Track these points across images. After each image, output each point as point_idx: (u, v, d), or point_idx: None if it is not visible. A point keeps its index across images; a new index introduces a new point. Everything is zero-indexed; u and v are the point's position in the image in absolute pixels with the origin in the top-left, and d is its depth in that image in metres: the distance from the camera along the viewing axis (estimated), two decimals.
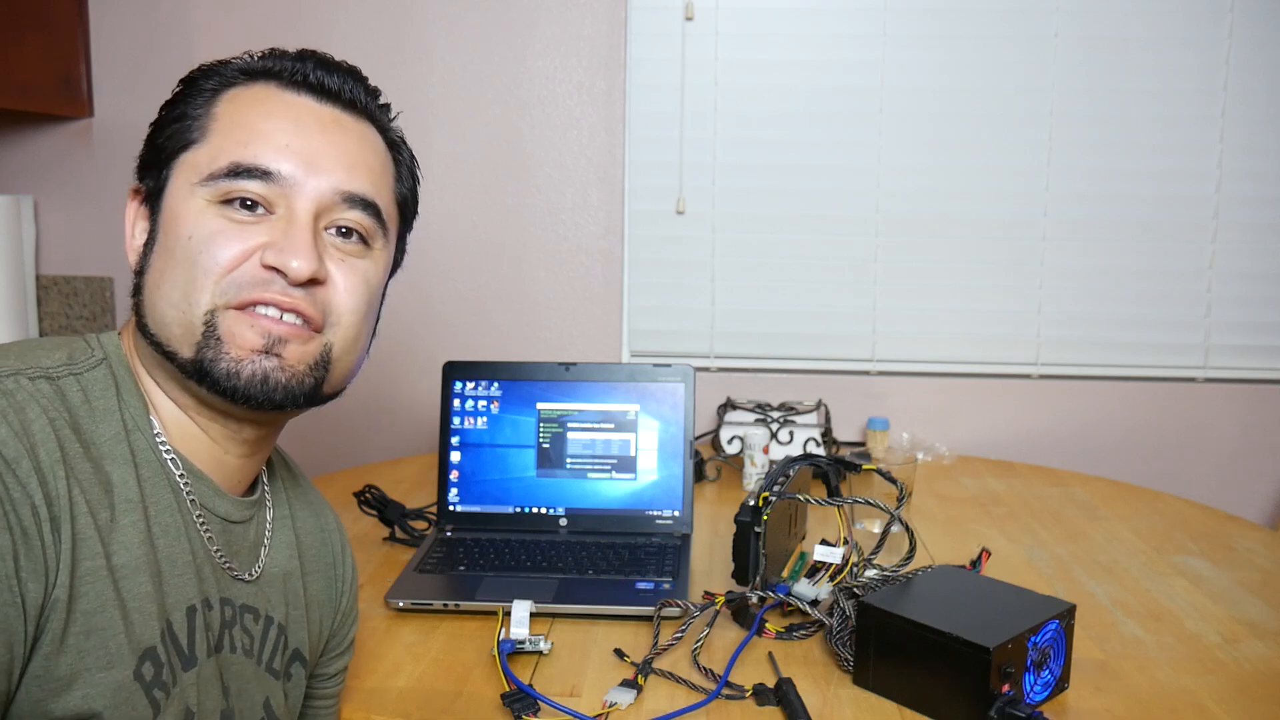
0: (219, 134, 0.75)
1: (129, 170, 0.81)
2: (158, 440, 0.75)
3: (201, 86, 0.78)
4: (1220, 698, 1.03)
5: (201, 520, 0.77)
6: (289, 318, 0.74)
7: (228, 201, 0.73)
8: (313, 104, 0.78)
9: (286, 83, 0.78)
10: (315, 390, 0.77)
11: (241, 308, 0.73)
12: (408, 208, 0.87)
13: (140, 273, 0.76)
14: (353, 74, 0.81)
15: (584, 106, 2.12)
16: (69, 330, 2.18)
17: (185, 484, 0.76)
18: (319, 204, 0.75)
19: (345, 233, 0.78)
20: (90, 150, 2.14)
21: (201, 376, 0.73)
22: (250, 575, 0.83)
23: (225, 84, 0.78)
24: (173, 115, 0.77)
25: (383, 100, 0.83)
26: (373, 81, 0.83)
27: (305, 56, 0.79)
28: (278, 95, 0.77)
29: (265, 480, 0.88)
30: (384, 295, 0.85)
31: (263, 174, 0.73)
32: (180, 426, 0.77)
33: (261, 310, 0.73)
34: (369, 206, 0.78)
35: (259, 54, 0.80)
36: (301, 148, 0.75)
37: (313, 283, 0.75)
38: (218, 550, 0.79)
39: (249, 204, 0.74)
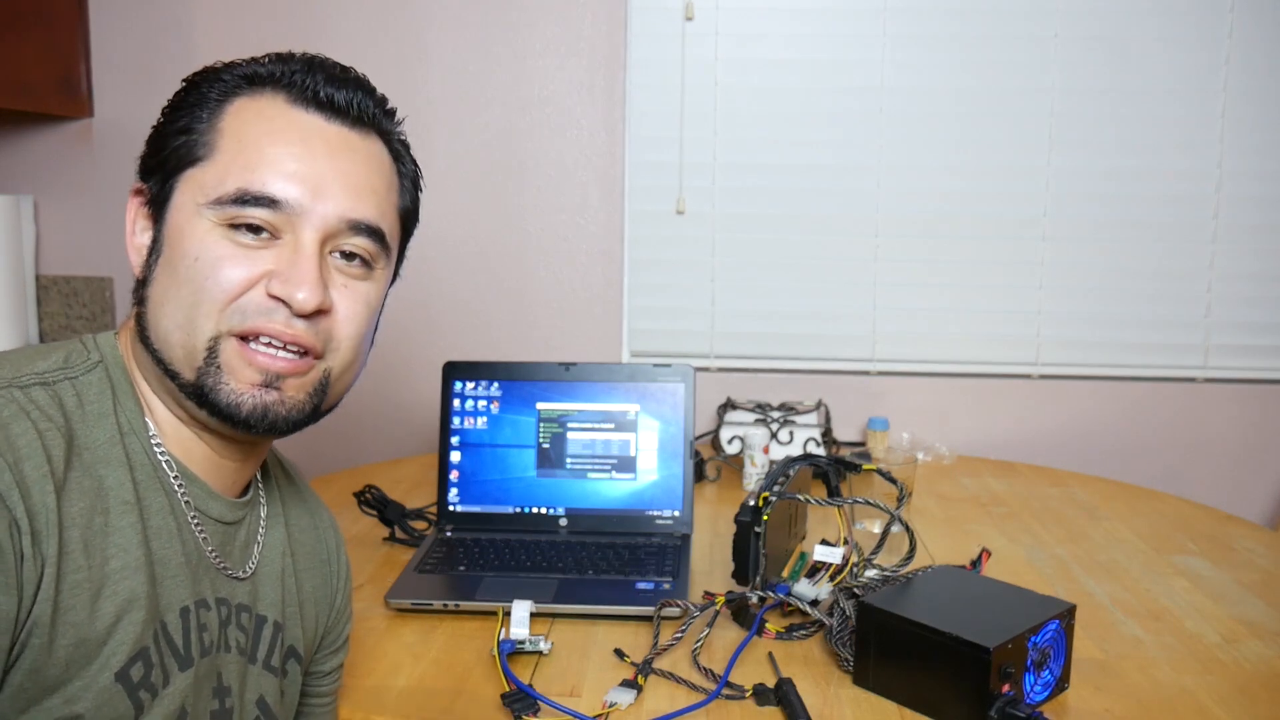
0: (225, 153, 0.74)
1: (129, 170, 0.81)
2: (153, 443, 0.75)
3: (205, 94, 0.76)
4: (1220, 698, 1.03)
5: (196, 522, 0.78)
6: (289, 350, 0.74)
7: (234, 226, 0.73)
8: (321, 123, 0.76)
9: (295, 97, 0.76)
10: (314, 412, 0.78)
11: (244, 336, 0.73)
12: (409, 219, 0.86)
13: (144, 283, 0.76)
14: (362, 86, 0.79)
15: (584, 106, 2.12)
16: (69, 330, 2.18)
17: (180, 486, 0.76)
18: (325, 231, 0.75)
19: (349, 255, 0.77)
20: (90, 150, 2.14)
21: (202, 401, 0.73)
22: (244, 573, 0.83)
23: (230, 92, 0.76)
24: (177, 125, 0.76)
25: (389, 107, 0.82)
26: (373, 83, 0.81)
27: (314, 67, 0.77)
28: (285, 112, 0.76)
29: (259, 480, 0.88)
30: (383, 305, 0.84)
31: (270, 202, 0.73)
32: (176, 430, 0.77)
33: (263, 342, 0.73)
34: (374, 233, 0.78)
35: (265, 58, 0.78)
36: (309, 174, 0.74)
37: (317, 313, 0.74)
38: (212, 551, 0.79)
39: (255, 228, 0.73)
